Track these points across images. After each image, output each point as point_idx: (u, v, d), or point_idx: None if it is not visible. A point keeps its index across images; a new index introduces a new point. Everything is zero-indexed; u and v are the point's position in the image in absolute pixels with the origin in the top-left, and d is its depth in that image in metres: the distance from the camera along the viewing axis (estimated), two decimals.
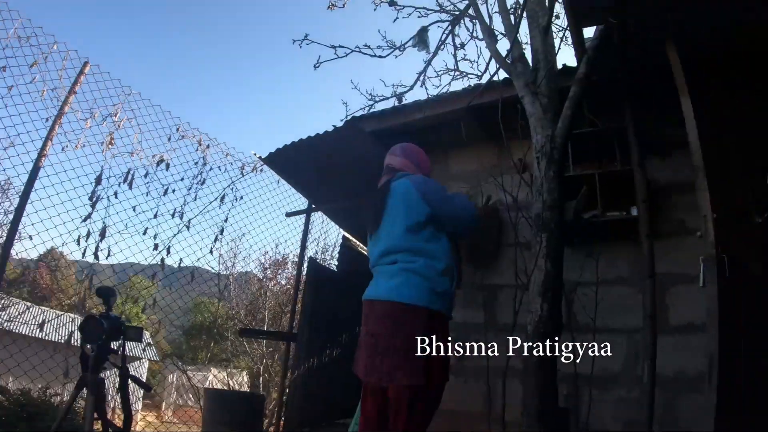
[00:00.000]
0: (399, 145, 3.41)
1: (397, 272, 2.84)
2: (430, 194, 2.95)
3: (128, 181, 5.81)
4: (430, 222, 2.91)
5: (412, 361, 2.61)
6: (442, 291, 2.82)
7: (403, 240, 2.89)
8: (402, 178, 3.06)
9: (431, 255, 2.86)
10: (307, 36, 4.92)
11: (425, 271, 2.80)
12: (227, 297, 13.21)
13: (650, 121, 4.06)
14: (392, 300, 2.76)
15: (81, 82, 5.58)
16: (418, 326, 2.67)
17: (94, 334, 3.09)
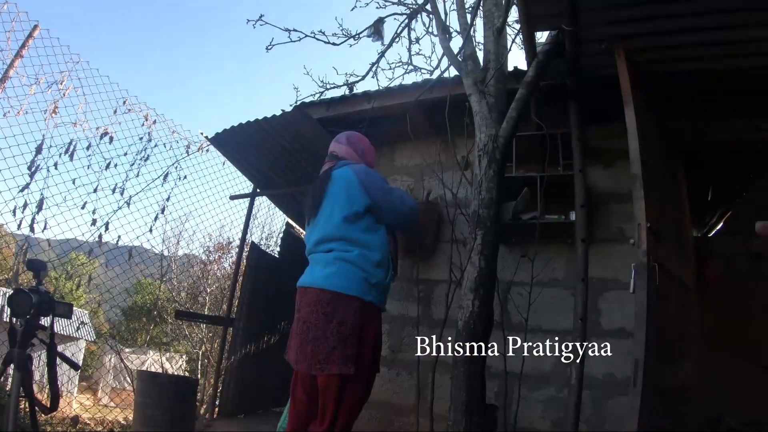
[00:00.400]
0: (344, 133, 3.41)
1: (331, 260, 2.84)
2: (370, 185, 2.95)
3: (70, 153, 5.62)
4: (368, 213, 2.92)
5: (342, 351, 2.62)
6: (376, 282, 2.83)
7: (340, 229, 2.88)
8: (344, 167, 3.05)
9: (367, 246, 2.86)
10: (262, 17, 4.87)
11: (360, 261, 2.81)
12: (169, 279, 13.02)
13: (596, 129, 4.15)
14: (325, 288, 2.76)
15: (29, 45, 5.40)
16: (349, 316, 2.68)
17: (23, 308, 3.00)
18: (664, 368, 2.85)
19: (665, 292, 2.91)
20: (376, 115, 4.82)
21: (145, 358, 13.61)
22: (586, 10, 3.17)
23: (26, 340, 3.02)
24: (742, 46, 3.25)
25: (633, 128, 2.93)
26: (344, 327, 2.66)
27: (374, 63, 5.20)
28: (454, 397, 2.98)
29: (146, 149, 6.36)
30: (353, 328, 2.67)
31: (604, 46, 3.38)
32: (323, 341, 2.66)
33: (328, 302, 2.72)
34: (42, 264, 3.27)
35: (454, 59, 3.88)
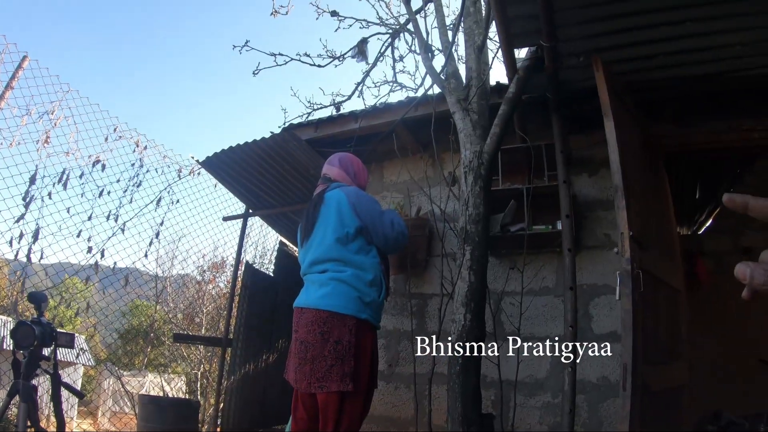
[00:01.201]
0: (337, 155, 3.45)
1: (326, 281, 2.90)
2: (361, 207, 3.02)
3: (63, 182, 5.69)
4: (359, 234, 2.99)
5: (340, 368, 2.68)
6: (370, 301, 2.89)
7: (333, 250, 2.95)
8: (336, 189, 3.12)
9: (360, 266, 2.92)
10: (248, 42, 4.94)
11: (353, 281, 2.87)
12: (164, 300, 13.00)
13: (580, 138, 4.23)
14: (320, 308, 2.82)
15: (19, 76, 5.45)
16: (345, 334, 2.74)
17: (26, 340, 3.07)
18: (654, 370, 2.90)
19: (652, 297, 2.97)
20: (363, 133, 4.89)
21: (143, 380, 13.55)
22: (563, 26, 3.26)
23: (30, 371, 3.09)
24: (715, 52, 3.34)
25: (613, 140, 2.99)
26: (341, 345, 2.72)
27: (360, 83, 5.27)
28: (451, 409, 3.03)
29: (138, 175, 6.45)
30: (349, 346, 2.72)
31: (582, 59, 3.46)
32: (321, 360, 2.72)
33: (325, 322, 2.77)
34: (43, 296, 3.33)
35: (437, 78, 3.94)
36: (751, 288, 0.59)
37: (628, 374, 2.61)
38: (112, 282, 6.72)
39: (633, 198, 2.95)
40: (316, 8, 5.43)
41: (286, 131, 5.12)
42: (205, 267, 12.44)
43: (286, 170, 5.62)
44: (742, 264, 0.60)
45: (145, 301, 14.62)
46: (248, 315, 5.90)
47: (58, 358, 3.32)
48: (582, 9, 3.11)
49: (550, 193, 3.87)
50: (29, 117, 5.51)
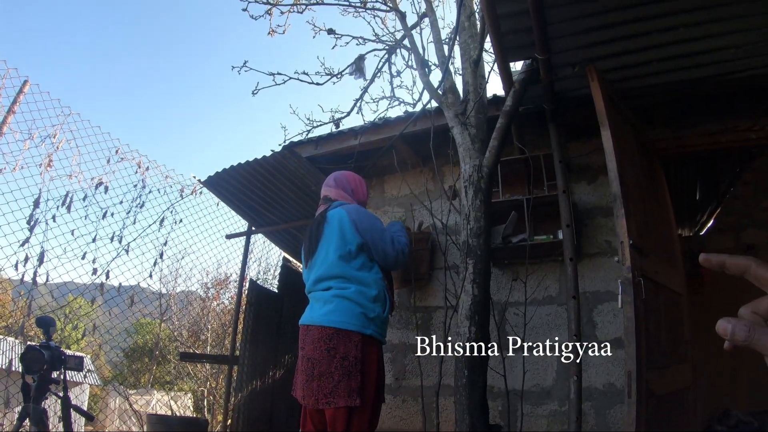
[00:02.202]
0: (332, 175, 3.47)
1: (330, 298, 2.94)
2: (362, 224, 3.06)
3: (67, 205, 5.72)
4: (361, 251, 3.04)
5: (347, 384, 2.71)
6: (375, 316, 2.92)
7: (336, 267, 2.99)
8: (338, 207, 3.17)
9: (363, 282, 2.97)
10: (246, 63, 4.98)
11: (357, 297, 2.91)
12: (169, 317, 12.99)
13: (578, 146, 4.27)
14: (326, 325, 2.85)
15: (20, 101, 5.49)
16: (351, 350, 2.78)
17: (35, 364, 3.08)
18: (658, 375, 2.92)
19: (654, 302, 3.00)
20: (363, 149, 4.91)
21: (149, 398, 13.52)
22: (556, 38, 3.29)
23: (40, 394, 3.10)
24: (708, 56, 3.36)
25: (610, 149, 3.01)
26: (347, 361, 2.75)
27: (358, 99, 5.28)
28: (459, 421, 3.05)
29: (141, 196, 6.47)
30: (356, 362, 2.75)
31: (576, 69, 3.50)
32: (328, 376, 2.75)
33: (330, 338, 2.80)
34: (51, 320, 3.35)
35: (435, 93, 3.96)
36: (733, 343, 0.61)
37: (632, 381, 2.63)
38: (118, 303, 6.74)
39: (632, 205, 2.97)
40: (313, 27, 5.46)
41: (286, 149, 5.16)
42: (210, 284, 12.46)
43: (287, 187, 5.65)
44: (723, 320, 0.61)
45: (149, 319, 14.62)
46: (254, 332, 5.92)
47: (67, 381, 3.34)
48: (575, 20, 3.14)
49: (550, 202, 3.90)
50: (32, 141, 5.55)
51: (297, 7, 5.38)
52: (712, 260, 0.68)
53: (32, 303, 6.32)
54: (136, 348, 16.03)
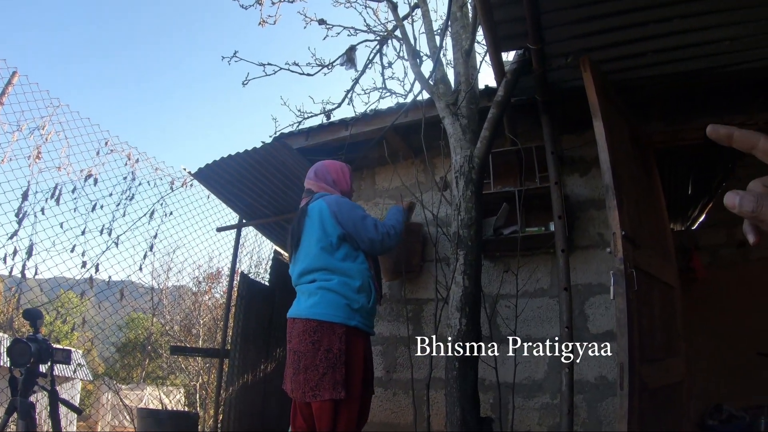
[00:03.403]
0: (313, 167, 3.51)
1: (314, 290, 2.96)
2: (342, 215, 3.08)
3: (56, 197, 5.67)
4: (343, 241, 3.07)
5: (332, 376, 2.74)
6: (359, 307, 2.94)
7: (319, 259, 3.02)
8: (318, 200, 3.19)
9: (346, 273, 2.99)
10: (236, 53, 4.94)
11: (341, 288, 2.93)
12: (160, 312, 12.95)
13: (571, 138, 4.24)
14: (310, 318, 2.88)
15: (9, 92, 5.44)
16: (335, 342, 2.80)
17: (22, 357, 3.05)
18: (651, 368, 2.90)
19: (646, 295, 2.98)
20: (354, 141, 4.89)
21: (142, 393, 13.50)
22: (549, 28, 3.26)
23: (28, 388, 3.07)
24: (704, 48, 3.35)
25: (602, 140, 2.99)
26: (331, 354, 2.77)
27: (349, 90, 5.26)
28: (450, 414, 3.03)
29: (131, 188, 6.42)
30: (340, 354, 2.78)
31: (569, 60, 3.47)
32: (313, 369, 2.77)
33: (315, 331, 2.83)
34: (38, 312, 3.31)
35: (426, 83, 3.94)
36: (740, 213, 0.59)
37: (624, 373, 2.61)
38: (108, 297, 6.69)
39: (624, 197, 2.95)
40: (304, 17, 5.43)
41: (277, 141, 5.13)
42: (201, 278, 12.42)
43: (278, 179, 5.61)
44: (731, 192, 0.58)
45: (141, 314, 14.59)
46: (245, 325, 5.89)
47: (55, 374, 3.30)
48: (568, 10, 3.12)
49: (542, 194, 3.88)
50: (20, 133, 5.50)
51: None
52: (720, 131, 0.63)
53: (21, 297, 6.26)
54: (128, 343, 16.00)
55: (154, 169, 6.78)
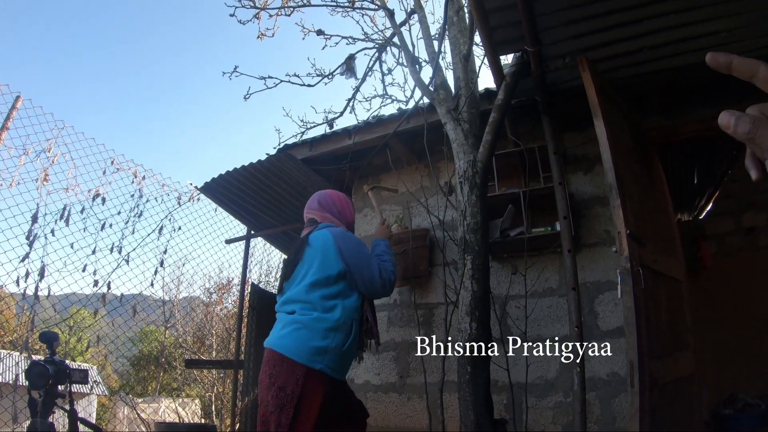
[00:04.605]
0: (316, 196, 3.35)
1: (289, 322, 2.82)
2: (347, 251, 2.94)
3: (65, 218, 5.72)
4: (341, 278, 2.90)
5: (278, 417, 2.60)
6: (332, 347, 2.74)
7: (304, 291, 2.86)
8: (323, 229, 3.03)
9: (329, 309, 2.81)
10: (237, 68, 4.98)
11: (314, 324, 2.76)
12: (173, 324, 13.00)
13: (573, 136, 4.26)
14: (274, 349, 2.75)
15: (13, 117, 5.48)
16: (290, 383, 2.62)
17: (41, 380, 3.09)
18: (661, 364, 2.91)
19: (653, 291, 2.99)
20: (358, 149, 4.92)
21: (157, 406, 13.54)
22: (545, 30, 3.29)
23: (47, 409, 3.11)
24: (700, 41, 3.35)
25: (604, 139, 3.01)
26: (283, 393, 2.61)
27: (350, 98, 5.29)
28: (464, 417, 3.05)
29: (138, 205, 6.45)
30: (293, 396, 2.59)
31: (567, 60, 3.49)
32: (265, 404, 2.68)
33: (275, 364, 2.69)
34: (54, 335, 3.36)
35: (426, 90, 3.96)
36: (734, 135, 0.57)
37: (635, 371, 2.63)
38: (121, 313, 6.74)
39: (628, 195, 2.97)
40: (302, 28, 5.47)
41: (281, 152, 5.16)
42: (212, 289, 12.47)
43: (284, 190, 5.65)
44: (725, 112, 0.58)
45: (154, 327, 14.65)
46: (257, 335, 5.91)
47: (72, 392, 3.35)
48: (563, 11, 3.14)
49: (547, 194, 3.89)
50: (27, 156, 5.54)
51: (285, 9, 5.39)
52: (719, 58, 0.62)
53: (35, 317, 6.32)
54: (142, 356, 16.07)
55: (161, 186, 6.83)
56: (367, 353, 4.65)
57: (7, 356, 13.39)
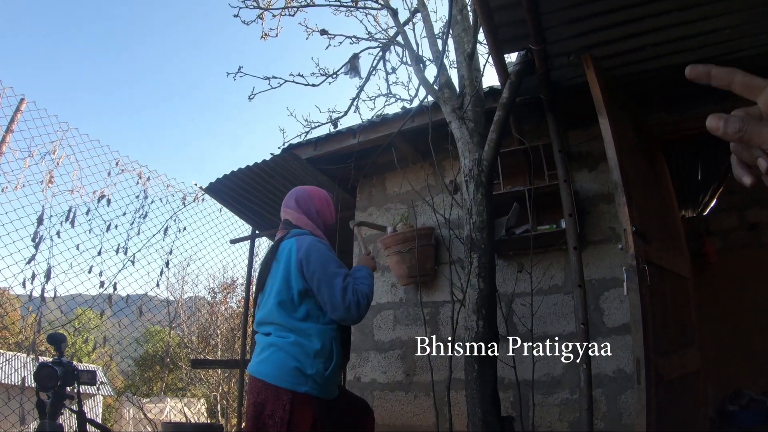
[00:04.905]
0: (293, 194, 3.16)
1: (266, 346, 2.66)
2: (308, 267, 2.68)
3: (70, 220, 5.74)
4: (306, 297, 2.69)
5: None
6: (314, 373, 2.58)
7: (275, 312, 2.68)
8: (292, 238, 2.82)
9: (304, 332, 2.63)
10: (241, 69, 4.98)
11: (293, 349, 2.59)
12: (178, 324, 13.03)
13: (578, 133, 4.27)
14: (256, 376, 2.60)
15: (18, 119, 5.51)
16: (278, 409, 2.49)
17: (49, 381, 3.11)
18: (667, 360, 2.92)
19: (659, 288, 3.00)
20: (362, 148, 4.92)
21: (163, 405, 13.58)
22: (550, 28, 3.28)
23: (56, 410, 3.13)
24: (704, 38, 3.34)
25: (609, 137, 3.01)
26: (272, 421, 2.48)
27: (354, 98, 5.28)
28: (471, 415, 3.05)
29: (143, 206, 6.49)
30: (282, 423, 2.46)
31: (571, 58, 3.49)
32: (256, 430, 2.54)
33: (260, 392, 2.55)
34: (62, 336, 3.38)
35: (431, 88, 3.95)
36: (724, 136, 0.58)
37: (641, 368, 2.63)
38: (127, 314, 6.76)
39: (633, 192, 2.97)
40: (305, 28, 5.46)
41: (285, 152, 5.17)
42: (217, 289, 12.50)
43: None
44: (713, 116, 0.58)
45: (159, 327, 14.68)
46: None
47: (81, 396, 3.36)
48: (568, 9, 3.13)
49: (552, 191, 3.89)
50: (31, 158, 5.58)
51: (288, 9, 5.39)
52: (698, 68, 0.63)
53: (41, 319, 6.34)
54: (147, 357, 16.11)
55: (166, 186, 6.87)
56: (374, 352, 4.68)
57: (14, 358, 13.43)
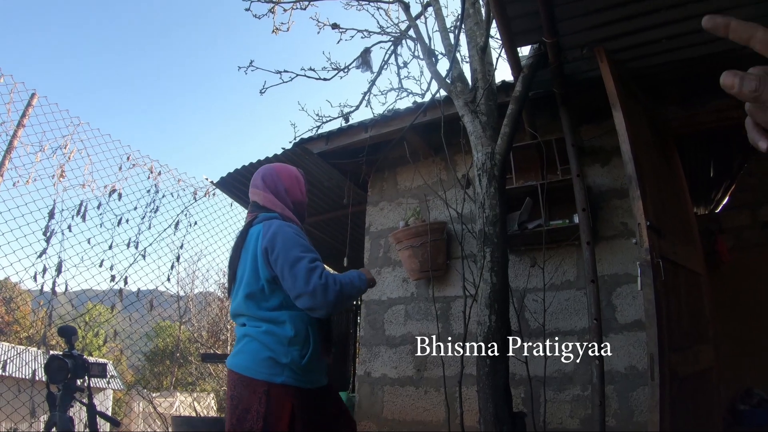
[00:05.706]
0: (259, 172, 2.80)
1: (241, 336, 2.51)
2: (273, 253, 2.43)
3: (81, 214, 5.75)
4: (276, 285, 2.45)
5: None
6: (289, 362, 2.39)
7: (243, 305, 2.51)
8: (260, 223, 2.57)
9: (276, 321, 2.44)
10: (252, 62, 4.98)
11: (266, 338, 2.41)
12: (188, 319, 13.07)
13: (590, 128, 4.24)
14: (231, 369, 2.44)
15: (29, 114, 5.51)
16: (254, 402, 2.34)
17: (60, 374, 3.10)
18: (681, 357, 2.90)
19: (673, 283, 2.98)
20: (374, 142, 4.92)
21: (173, 400, 13.62)
22: (563, 20, 3.27)
23: (66, 403, 3.12)
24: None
25: (623, 130, 2.99)
26: (249, 415, 2.32)
27: (366, 92, 5.27)
28: (483, 410, 3.04)
29: (154, 201, 6.48)
30: (258, 418, 2.30)
31: (585, 51, 3.47)
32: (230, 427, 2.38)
33: (234, 386, 2.40)
34: (73, 329, 3.37)
35: (443, 82, 3.94)
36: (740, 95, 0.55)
37: (655, 364, 2.62)
38: (138, 308, 6.78)
39: (647, 186, 2.95)
40: (317, 22, 5.46)
41: (297, 146, 5.17)
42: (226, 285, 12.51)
43: None
44: (728, 72, 0.56)
45: (169, 322, 14.73)
46: None
47: (91, 389, 3.37)
48: (581, 1, 3.11)
49: (565, 186, 3.88)
50: (43, 153, 5.58)
51: (299, 3, 5.38)
52: (716, 20, 0.59)
53: (52, 313, 6.36)
54: (157, 351, 16.16)
55: (177, 181, 6.85)
56: (385, 347, 4.67)
57: (25, 351, 13.53)
